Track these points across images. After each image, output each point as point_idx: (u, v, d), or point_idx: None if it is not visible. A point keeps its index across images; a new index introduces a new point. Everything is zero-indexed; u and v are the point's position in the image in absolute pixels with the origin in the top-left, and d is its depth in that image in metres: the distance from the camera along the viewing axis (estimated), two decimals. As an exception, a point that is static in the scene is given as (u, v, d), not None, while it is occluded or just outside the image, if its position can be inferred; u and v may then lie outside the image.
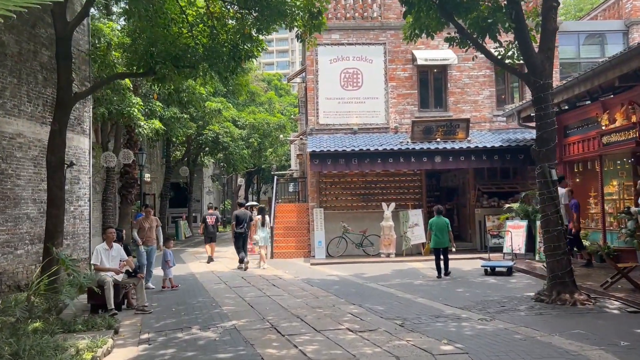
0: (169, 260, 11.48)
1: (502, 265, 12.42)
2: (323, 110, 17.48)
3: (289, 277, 12.78)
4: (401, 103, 17.66)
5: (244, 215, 15.19)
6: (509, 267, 12.18)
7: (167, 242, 11.97)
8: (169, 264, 11.48)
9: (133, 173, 20.70)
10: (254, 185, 51.37)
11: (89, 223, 13.84)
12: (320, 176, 17.47)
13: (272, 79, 44.24)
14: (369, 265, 14.68)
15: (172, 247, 11.86)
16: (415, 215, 16.49)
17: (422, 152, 16.05)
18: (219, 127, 23.73)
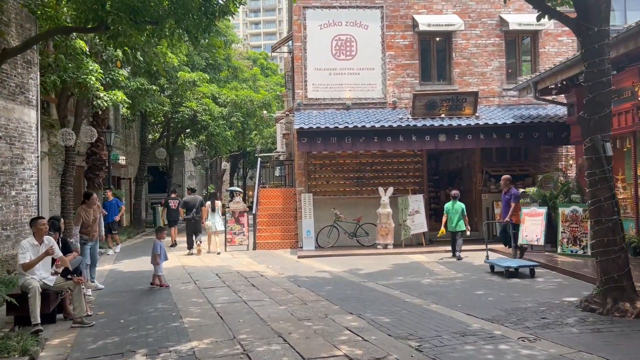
0: (158, 254, 9.54)
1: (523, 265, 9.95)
2: (312, 83, 15.45)
3: (272, 273, 10.87)
4: (400, 75, 15.68)
5: (194, 201, 15.22)
6: (531, 267, 9.88)
7: (160, 233, 10.15)
8: (157, 259, 9.55)
9: (101, 154, 18.56)
10: (240, 170, 49.27)
11: (37, 210, 11.78)
12: (309, 157, 15.50)
13: (257, 57, 41.88)
14: (365, 259, 12.82)
15: (164, 238, 9.98)
16: (415, 201, 14.63)
17: (425, 129, 14.12)
18: (196, 104, 21.55)
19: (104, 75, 13.07)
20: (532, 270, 9.74)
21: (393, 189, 14.49)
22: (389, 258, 12.84)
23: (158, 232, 10.14)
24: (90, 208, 9.71)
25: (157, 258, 9.54)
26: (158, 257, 9.54)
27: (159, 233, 10.08)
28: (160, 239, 9.92)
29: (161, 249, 9.70)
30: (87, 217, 9.55)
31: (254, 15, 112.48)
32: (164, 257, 9.78)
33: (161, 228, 10.46)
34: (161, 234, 10.07)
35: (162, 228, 10.50)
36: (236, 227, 15.45)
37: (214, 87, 23.91)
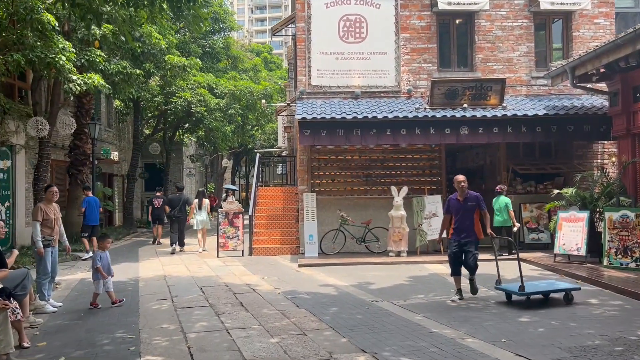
0: (99, 266, 7.72)
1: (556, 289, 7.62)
2: (317, 69, 13.71)
3: (267, 287, 9.15)
4: (416, 60, 13.92)
5: (178, 199, 15.08)
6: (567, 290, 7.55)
7: (103, 242, 8.09)
8: (102, 273, 7.70)
9: (84, 148, 16.97)
10: (242, 168, 47.60)
11: (-7, 210, 10.12)
12: (313, 152, 13.78)
13: (261, 50, 40.16)
14: (375, 269, 11.08)
15: (108, 248, 8.10)
16: (433, 202, 12.89)
17: (445, 121, 12.38)
18: (191, 95, 19.84)
19: (78, 56, 11.39)
20: (568, 294, 7.50)
21: (407, 189, 12.75)
22: (403, 268, 11.12)
23: (100, 241, 8.20)
24: (51, 204, 8.04)
25: (100, 272, 7.70)
26: (100, 270, 7.70)
27: (102, 242, 8.11)
28: (104, 249, 7.97)
29: (102, 260, 7.79)
30: (49, 214, 7.87)
31: (259, 12, 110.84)
32: (107, 271, 7.81)
33: (104, 236, 8.42)
34: (104, 243, 8.05)
35: (105, 236, 8.45)
36: (230, 230, 13.76)
37: (210, 76, 22.20)
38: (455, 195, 7.98)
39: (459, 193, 7.87)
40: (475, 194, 7.85)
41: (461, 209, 7.76)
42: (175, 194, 15.57)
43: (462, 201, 7.78)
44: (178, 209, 14.84)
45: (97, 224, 14.09)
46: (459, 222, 7.77)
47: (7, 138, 14.15)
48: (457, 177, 7.95)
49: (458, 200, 7.84)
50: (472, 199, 7.77)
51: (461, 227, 7.75)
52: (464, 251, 7.74)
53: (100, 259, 7.78)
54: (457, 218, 7.78)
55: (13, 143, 14.59)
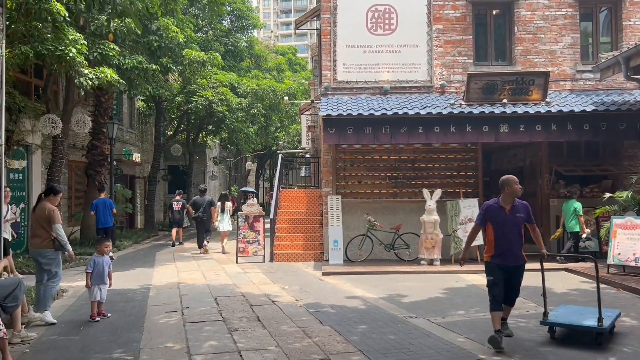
0: (89, 272, 6.99)
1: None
2: (343, 63, 12.84)
3: (287, 299, 8.30)
4: (450, 53, 12.93)
5: (202, 201, 15.14)
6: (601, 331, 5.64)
7: (100, 246, 7.28)
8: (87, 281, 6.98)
9: (102, 148, 16.44)
10: (266, 171, 46.98)
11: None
12: (338, 152, 12.90)
13: (286, 51, 39.51)
14: (407, 279, 10.13)
15: (106, 253, 7.33)
16: (469, 207, 11.87)
17: (483, 118, 11.36)
18: (212, 94, 19.17)
19: (90, 49, 10.77)
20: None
21: (441, 192, 11.77)
22: (437, 278, 10.14)
23: (97, 245, 7.41)
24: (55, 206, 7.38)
25: (87, 279, 6.99)
26: (87, 277, 6.98)
27: (99, 245, 7.31)
28: (101, 254, 7.18)
29: (95, 266, 7.01)
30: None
31: (285, 15, 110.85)
32: (101, 278, 7.01)
33: (102, 239, 7.59)
34: (101, 247, 7.24)
35: (103, 239, 7.61)
36: (250, 235, 12.96)
37: (233, 75, 21.52)
38: (495, 201, 5.80)
39: (505, 199, 5.72)
40: (524, 202, 5.86)
41: (507, 222, 5.68)
42: (199, 196, 15.60)
43: (509, 210, 5.68)
44: (202, 211, 14.91)
45: (108, 226, 13.49)
46: (502, 238, 5.66)
47: (22, 137, 13.68)
48: (511, 178, 5.75)
49: (502, 209, 5.70)
50: (522, 209, 5.76)
51: (507, 246, 5.66)
52: (512, 279, 5.75)
53: (93, 265, 7.03)
54: (500, 233, 5.68)
55: (29, 143, 14.12)
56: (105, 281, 7.08)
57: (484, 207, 5.95)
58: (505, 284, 5.69)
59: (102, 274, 7.01)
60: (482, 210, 5.94)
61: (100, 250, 7.21)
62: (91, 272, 6.96)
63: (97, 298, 6.97)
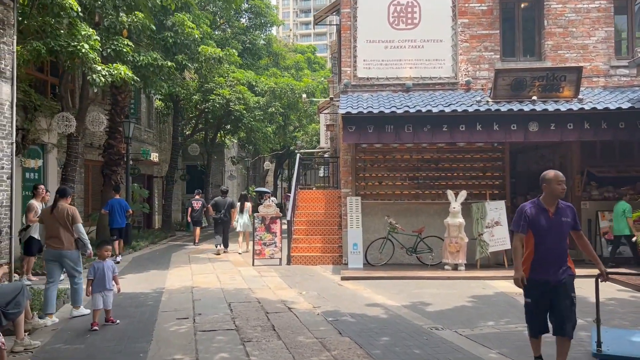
0: (92, 279, 6.64)
1: None
2: (363, 59, 12.38)
3: (304, 306, 7.87)
4: (476, 48, 12.37)
5: (223, 202, 15.12)
6: None
7: (100, 250, 6.89)
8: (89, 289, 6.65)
9: (119, 147, 16.21)
10: (284, 171, 46.66)
11: (9, 212, 9.27)
12: (358, 151, 12.43)
13: (305, 50, 39.11)
14: (430, 285, 9.62)
15: (107, 256, 6.99)
16: (495, 209, 11.31)
17: (511, 115, 10.79)
18: (229, 92, 18.84)
19: (104, 45, 10.49)
20: None
21: (466, 193, 11.22)
22: (463, 285, 9.61)
23: (98, 249, 6.96)
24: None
25: (88, 286, 6.66)
26: (90, 284, 6.63)
27: (100, 250, 6.89)
28: (102, 259, 6.79)
29: (97, 272, 6.63)
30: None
31: (304, 15, 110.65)
32: (102, 285, 6.60)
33: (103, 242, 7.22)
34: (101, 251, 6.84)
35: (104, 242, 7.25)
36: (267, 237, 12.57)
37: (250, 73, 21.18)
38: (535, 203, 4.72)
39: (547, 200, 4.65)
40: (569, 204, 4.76)
41: (551, 227, 4.57)
42: (220, 197, 15.52)
43: (553, 214, 4.60)
44: (223, 212, 14.88)
45: (121, 226, 13.28)
46: (544, 247, 4.59)
47: (38, 136, 13.50)
48: (552, 174, 4.68)
49: (545, 212, 4.61)
50: (567, 211, 4.67)
51: (550, 258, 4.59)
52: (555, 297, 4.59)
53: (93, 271, 6.66)
54: (541, 240, 4.59)
55: (44, 142, 13.95)
56: (109, 287, 6.68)
57: (522, 209, 4.74)
58: (547, 302, 4.61)
59: (103, 280, 6.62)
60: (520, 213, 4.73)
61: (100, 255, 6.82)
62: (92, 279, 6.61)
63: (100, 306, 6.58)
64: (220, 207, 14.99)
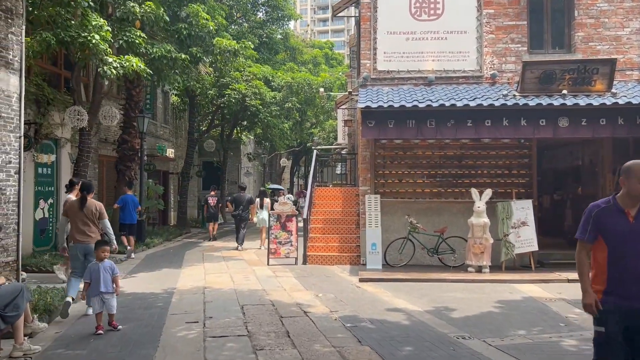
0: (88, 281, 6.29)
1: None
2: (383, 51, 11.89)
3: (321, 309, 7.45)
4: (502, 40, 11.81)
5: (242, 198, 15.21)
6: None
7: (97, 250, 6.47)
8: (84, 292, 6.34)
9: (133, 143, 15.98)
10: (301, 168, 46.28)
11: (17, 208, 9.00)
12: (377, 147, 11.95)
13: (322, 46, 38.61)
14: (454, 288, 9.12)
15: (106, 257, 6.53)
16: (522, 209, 10.76)
17: (539, 110, 10.22)
18: (245, 87, 18.47)
19: (116, 37, 10.17)
20: None
21: (491, 192, 10.68)
22: (488, 289, 9.09)
23: (96, 250, 6.52)
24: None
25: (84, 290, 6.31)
26: (87, 287, 6.27)
27: (97, 251, 6.46)
28: (100, 260, 6.35)
29: (92, 274, 6.23)
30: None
31: (322, 12, 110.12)
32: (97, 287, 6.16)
33: (101, 243, 6.69)
34: (98, 252, 6.43)
35: (102, 243, 6.72)
36: (282, 235, 12.18)
37: (267, 68, 20.78)
38: (608, 202, 3.53)
39: (625, 199, 3.45)
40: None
41: (630, 235, 3.40)
42: (239, 193, 15.68)
43: (634, 218, 3.41)
44: (242, 208, 14.96)
45: (133, 222, 13.06)
46: (623, 261, 3.41)
47: (51, 131, 13.27)
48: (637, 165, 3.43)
49: (623, 214, 3.44)
50: None
51: (631, 274, 3.38)
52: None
53: (89, 272, 6.31)
54: (618, 252, 3.43)
55: (58, 136, 13.73)
56: (109, 289, 6.25)
57: (590, 209, 3.57)
58: (629, 342, 3.35)
59: (98, 282, 6.18)
60: (587, 215, 3.58)
61: (97, 256, 6.41)
62: (88, 281, 6.23)
63: (99, 310, 6.20)
64: (239, 203, 15.09)
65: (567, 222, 13.84)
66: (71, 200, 7.86)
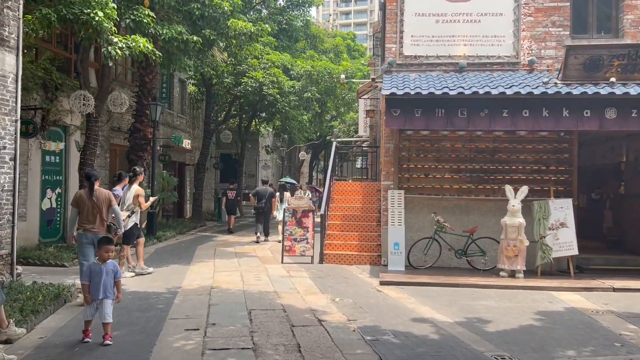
0: (87, 283, 5.45)
1: None
2: (411, 34, 10.97)
3: (337, 317, 6.63)
4: (541, 23, 10.79)
5: (264, 191, 15.54)
6: None
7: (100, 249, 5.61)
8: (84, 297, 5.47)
9: (145, 132, 15.33)
10: (320, 162, 45.42)
11: (12, 197, 8.36)
12: (402, 139, 11.05)
13: (344, 36, 37.60)
14: (486, 295, 8.22)
15: (110, 257, 5.62)
16: (560, 208, 9.78)
17: (584, 100, 9.21)
18: (262, 75, 17.67)
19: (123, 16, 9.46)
20: None
21: (527, 190, 9.72)
22: (524, 297, 8.17)
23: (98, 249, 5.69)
24: None
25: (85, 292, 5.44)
26: (85, 290, 5.42)
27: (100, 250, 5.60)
28: (103, 260, 5.51)
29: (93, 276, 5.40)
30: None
31: (344, 5, 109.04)
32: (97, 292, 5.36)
33: (104, 241, 5.71)
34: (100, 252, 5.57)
35: (105, 240, 5.72)
36: (298, 232, 11.39)
37: (286, 56, 19.94)
38: None
39: None
40: None
41: None
42: (261, 187, 16.01)
43: None
44: (264, 202, 15.26)
45: None
46: None
47: (59, 117, 12.68)
48: None
49: None
50: None
51: None
52: None
53: (89, 273, 5.47)
54: None
55: (67, 123, 13.15)
56: (109, 295, 5.45)
57: None
58: None
59: (98, 287, 5.40)
60: None
61: (100, 256, 5.59)
62: (88, 283, 5.45)
63: (90, 317, 5.45)
64: (262, 196, 15.40)
65: (607, 224, 12.79)
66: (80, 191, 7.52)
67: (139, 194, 9.37)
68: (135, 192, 9.35)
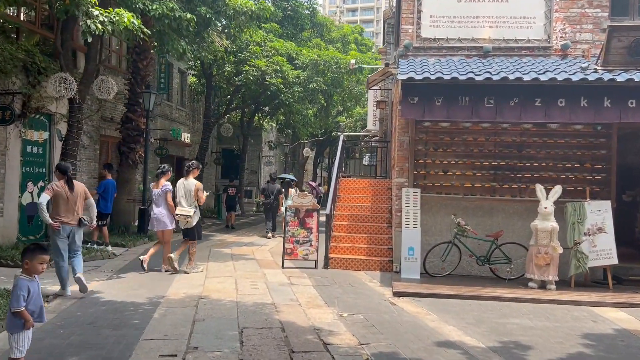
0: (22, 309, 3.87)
1: None
2: (430, 14, 9.82)
3: (345, 339, 5.52)
4: (577, 4, 9.63)
5: (272, 188, 15.63)
6: None
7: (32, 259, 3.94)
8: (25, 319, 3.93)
9: (138, 122, 14.29)
10: (325, 160, 44.20)
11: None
12: (418, 131, 9.90)
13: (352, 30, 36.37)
14: (517, 311, 7.08)
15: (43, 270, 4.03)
16: (598, 211, 8.64)
17: (629, 88, 8.06)
18: (265, 63, 16.54)
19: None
20: None
21: (561, 190, 8.58)
22: (561, 313, 7.04)
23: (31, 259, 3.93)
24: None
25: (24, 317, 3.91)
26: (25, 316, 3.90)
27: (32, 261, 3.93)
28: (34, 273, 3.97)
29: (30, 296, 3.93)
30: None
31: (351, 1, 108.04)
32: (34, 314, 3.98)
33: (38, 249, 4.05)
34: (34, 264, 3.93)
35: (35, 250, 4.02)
36: (300, 233, 10.27)
37: (291, 44, 18.78)
38: None
39: None
40: None
41: None
42: (269, 183, 16.05)
43: None
44: (272, 198, 15.42)
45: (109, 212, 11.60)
46: None
47: (43, 105, 11.61)
48: None
49: None
50: None
51: None
52: None
53: (25, 294, 3.92)
54: None
55: (52, 111, 12.08)
56: (42, 318, 4.13)
57: None
58: None
59: (36, 308, 4.01)
60: None
61: (34, 269, 3.98)
62: (24, 307, 3.91)
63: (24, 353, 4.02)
64: (269, 192, 15.60)
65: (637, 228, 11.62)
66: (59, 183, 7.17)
67: (199, 188, 9.23)
68: (195, 186, 9.18)
